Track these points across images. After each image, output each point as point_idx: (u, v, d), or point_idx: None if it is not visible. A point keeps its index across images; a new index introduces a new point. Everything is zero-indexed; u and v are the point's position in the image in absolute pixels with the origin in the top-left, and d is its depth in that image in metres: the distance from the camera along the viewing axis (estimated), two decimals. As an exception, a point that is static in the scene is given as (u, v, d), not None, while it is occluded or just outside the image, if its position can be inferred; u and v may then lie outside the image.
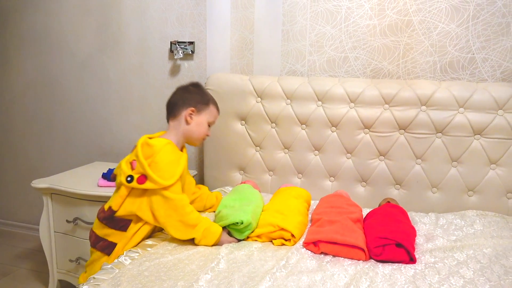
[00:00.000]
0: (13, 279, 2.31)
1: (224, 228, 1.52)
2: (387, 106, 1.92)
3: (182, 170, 1.50)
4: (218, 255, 1.36)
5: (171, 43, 2.28)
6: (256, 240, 1.50)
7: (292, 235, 1.48)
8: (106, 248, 1.50)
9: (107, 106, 2.51)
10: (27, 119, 2.73)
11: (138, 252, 1.40)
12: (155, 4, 2.30)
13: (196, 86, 1.69)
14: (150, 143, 1.49)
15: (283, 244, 1.48)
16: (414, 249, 1.39)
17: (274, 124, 2.06)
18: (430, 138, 1.88)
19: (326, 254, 1.40)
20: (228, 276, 1.23)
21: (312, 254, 1.40)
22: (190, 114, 1.60)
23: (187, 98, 1.62)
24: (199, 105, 1.62)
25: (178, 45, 2.25)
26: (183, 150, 1.65)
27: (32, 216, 2.82)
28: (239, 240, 1.51)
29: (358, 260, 1.36)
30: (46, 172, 2.64)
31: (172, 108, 1.64)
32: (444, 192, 1.90)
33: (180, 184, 1.52)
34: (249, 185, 1.87)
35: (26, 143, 2.77)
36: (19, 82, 2.70)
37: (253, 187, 1.85)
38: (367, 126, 1.95)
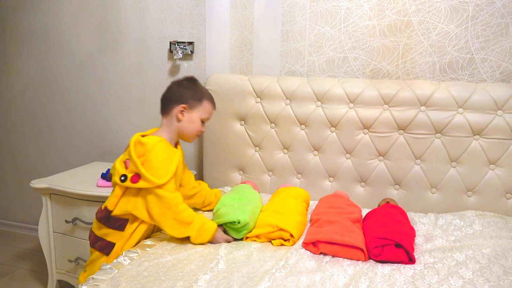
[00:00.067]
0: (12, 279, 2.30)
1: (221, 226, 1.52)
2: (386, 106, 1.92)
3: (175, 168, 1.49)
4: (217, 255, 1.36)
5: (171, 43, 2.28)
6: (255, 241, 1.50)
7: (291, 235, 1.48)
8: (105, 248, 1.50)
9: (107, 106, 2.51)
10: (26, 119, 2.73)
11: (137, 252, 1.40)
12: (155, 4, 2.30)
13: (191, 81, 1.64)
14: (143, 142, 1.47)
15: (282, 245, 1.48)
16: (413, 249, 1.39)
17: (273, 124, 2.06)
18: (429, 139, 1.88)
19: (325, 254, 1.40)
20: (227, 276, 1.23)
21: (311, 254, 1.40)
22: (181, 111, 1.56)
23: (179, 94, 1.58)
24: (192, 101, 1.58)
25: (178, 45, 2.25)
26: (177, 146, 1.63)
27: (31, 216, 2.81)
28: (235, 239, 1.51)
29: (357, 260, 1.36)
30: (45, 172, 2.64)
31: (164, 104, 1.60)
32: (443, 193, 1.90)
33: (174, 182, 1.51)
34: (249, 185, 1.87)
35: (25, 143, 2.76)
36: (18, 82, 2.70)
37: (252, 188, 1.85)
38: (367, 127, 1.95)
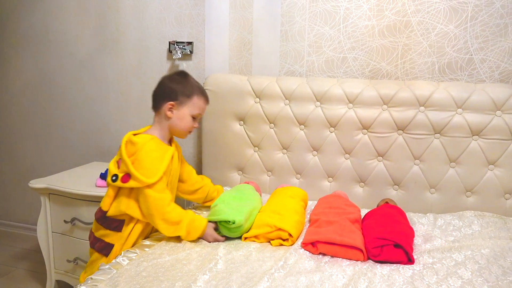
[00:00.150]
0: (10, 279, 2.30)
1: (213, 222, 1.51)
2: (385, 106, 1.92)
3: (166, 166, 1.47)
4: (216, 256, 1.36)
5: (170, 43, 2.28)
6: (254, 241, 1.50)
7: (290, 235, 1.48)
8: (104, 249, 1.50)
9: (106, 106, 2.51)
10: (25, 119, 2.72)
11: (136, 253, 1.40)
12: (154, 4, 2.30)
13: (181, 75, 1.59)
14: (133, 141, 1.46)
15: (281, 245, 1.47)
16: (412, 249, 1.39)
17: (272, 125, 2.06)
18: (428, 139, 1.88)
19: (324, 254, 1.40)
20: (226, 276, 1.23)
21: (310, 254, 1.40)
22: (170, 108, 1.53)
23: (169, 90, 1.54)
24: (181, 97, 1.53)
25: (177, 45, 2.25)
26: (171, 143, 1.61)
27: (30, 216, 2.81)
28: (226, 237, 1.51)
29: (356, 260, 1.36)
30: (44, 172, 2.64)
31: (155, 100, 1.57)
32: (442, 193, 1.90)
33: (166, 180, 1.50)
34: (251, 186, 1.86)
35: (24, 143, 2.76)
36: (17, 82, 2.70)
37: (255, 189, 1.85)
38: (366, 127, 1.95)
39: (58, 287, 2.15)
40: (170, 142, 1.62)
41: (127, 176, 1.43)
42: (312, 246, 1.42)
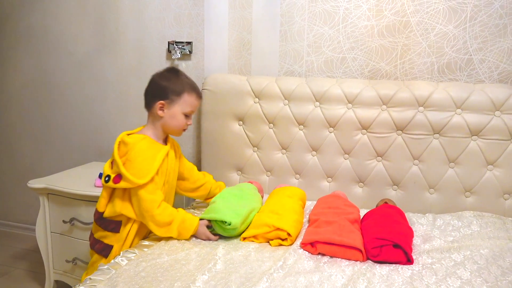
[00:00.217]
0: (9, 280, 2.29)
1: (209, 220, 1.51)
2: (384, 107, 1.92)
3: (158, 166, 1.46)
4: (215, 256, 1.36)
5: (169, 43, 2.27)
6: (253, 241, 1.50)
7: (289, 234, 1.48)
8: (103, 250, 1.49)
9: (105, 106, 2.51)
10: (24, 119, 2.72)
11: (134, 253, 1.39)
12: (153, 4, 2.29)
13: (171, 72, 1.55)
14: (125, 141, 1.45)
15: (280, 245, 1.47)
16: (411, 250, 1.39)
17: (271, 125, 2.06)
18: (427, 139, 1.88)
19: (323, 254, 1.40)
20: (225, 276, 1.23)
21: (309, 254, 1.40)
22: (160, 108, 1.50)
23: (159, 88, 1.51)
24: (172, 96, 1.50)
25: (176, 45, 2.25)
26: (167, 142, 1.59)
27: (29, 216, 2.80)
28: (219, 236, 1.51)
29: (356, 261, 1.36)
30: (42, 172, 2.63)
31: (146, 99, 1.55)
32: (441, 193, 1.90)
33: (161, 180, 1.49)
34: (254, 186, 1.86)
35: (23, 143, 2.75)
36: (16, 82, 2.69)
37: (257, 190, 1.84)
38: (365, 127, 1.95)
39: (57, 287, 2.14)
40: (166, 140, 1.60)
41: (119, 177, 1.42)
42: (311, 246, 1.42)
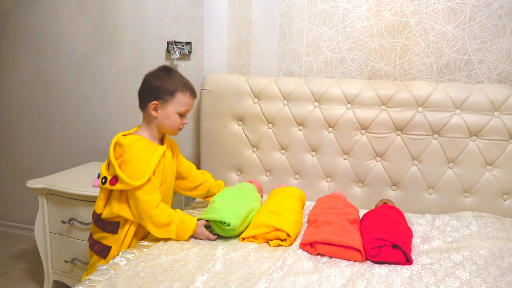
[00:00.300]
0: (8, 280, 2.29)
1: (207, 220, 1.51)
2: (383, 107, 1.92)
3: (154, 167, 1.45)
4: (214, 256, 1.36)
5: (168, 43, 2.27)
6: (252, 241, 1.50)
7: (288, 235, 1.47)
8: (102, 251, 1.49)
9: (104, 106, 2.50)
10: (23, 119, 2.72)
11: (133, 253, 1.39)
12: (152, 4, 2.29)
13: (164, 71, 1.53)
14: (121, 142, 1.45)
15: (279, 245, 1.47)
16: (410, 250, 1.39)
17: (271, 125, 2.06)
18: (426, 139, 1.88)
19: (322, 255, 1.40)
20: (224, 277, 1.23)
21: (308, 255, 1.40)
22: (154, 108, 1.49)
23: (152, 88, 1.49)
24: (165, 96, 1.48)
25: (175, 45, 2.25)
26: (164, 141, 1.58)
27: (27, 217, 2.80)
28: (218, 236, 1.50)
29: (355, 261, 1.36)
30: (41, 172, 2.63)
31: (140, 99, 1.54)
32: (440, 193, 1.90)
33: (157, 181, 1.49)
34: (253, 186, 1.86)
35: (22, 143, 2.75)
36: (15, 82, 2.69)
37: (257, 190, 1.84)
38: (364, 127, 1.95)
39: (56, 287, 2.14)
40: (162, 140, 1.59)
41: (115, 179, 1.41)
42: (311, 246, 1.42)
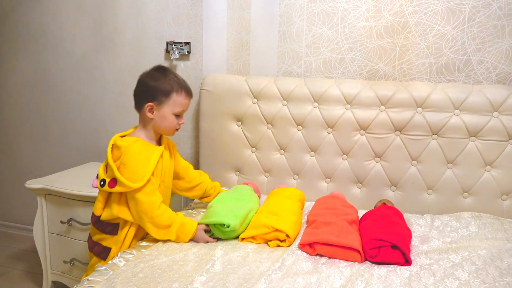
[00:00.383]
0: (6, 280, 2.29)
1: (207, 224, 1.51)
2: (383, 107, 1.92)
3: (153, 168, 1.45)
4: (213, 257, 1.35)
5: (167, 43, 2.27)
6: (251, 242, 1.50)
7: (287, 236, 1.47)
8: (102, 252, 1.49)
9: (103, 106, 2.50)
10: (22, 119, 2.71)
11: (132, 254, 1.39)
12: (151, 4, 2.29)
13: (159, 71, 1.51)
14: (118, 144, 1.44)
15: (278, 246, 1.47)
16: (409, 250, 1.39)
17: (270, 125, 2.06)
18: (425, 140, 1.88)
19: (321, 255, 1.40)
20: (223, 277, 1.23)
21: (307, 255, 1.40)
22: (150, 110, 1.48)
23: (147, 90, 1.48)
24: (160, 97, 1.47)
25: (174, 45, 2.25)
26: (161, 142, 1.57)
27: (26, 217, 2.79)
28: (218, 239, 1.50)
29: (354, 261, 1.36)
30: (40, 172, 2.62)
31: (136, 100, 1.53)
32: (439, 194, 1.90)
33: (156, 181, 1.48)
34: (250, 187, 1.86)
35: (21, 143, 2.74)
36: (14, 82, 2.68)
37: (254, 191, 1.84)
38: (363, 128, 1.95)
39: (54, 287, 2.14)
40: (160, 140, 1.59)
41: (114, 181, 1.41)
42: (310, 247, 1.42)
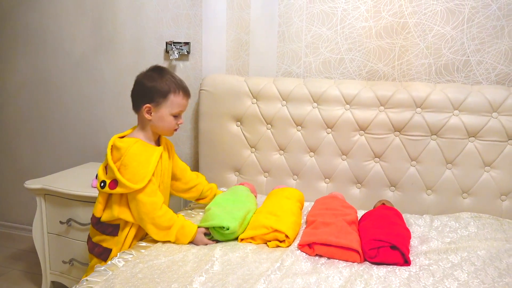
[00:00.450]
0: (5, 281, 2.29)
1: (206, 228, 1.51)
2: (382, 108, 1.92)
3: (153, 169, 1.45)
4: (212, 257, 1.35)
5: (167, 43, 2.27)
6: (251, 242, 1.50)
7: (286, 236, 1.47)
8: (102, 254, 1.49)
9: (102, 106, 2.50)
10: (21, 119, 2.71)
11: (131, 254, 1.39)
12: (151, 4, 2.29)
13: (156, 72, 1.50)
14: (118, 146, 1.43)
15: (277, 246, 1.47)
16: (408, 251, 1.39)
17: (269, 125, 2.06)
18: (425, 140, 1.89)
19: (321, 256, 1.40)
20: (222, 278, 1.23)
21: (307, 256, 1.40)
22: (147, 111, 1.48)
23: (144, 90, 1.48)
24: (157, 98, 1.46)
25: (174, 45, 2.24)
26: (160, 142, 1.57)
27: (25, 217, 2.79)
28: (217, 241, 1.50)
29: (353, 262, 1.36)
30: (39, 172, 2.62)
31: (133, 101, 1.53)
32: (438, 194, 1.90)
33: (157, 182, 1.48)
34: (246, 188, 1.85)
35: (20, 143, 2.74)
36: (13, 82, 2.68)
37: (250, 191, 1.84)
38: (363, 128, 1.95)
39: (54, 288, 2.14)
40: (159, 141, 1.58)
41: (115, 183, 1.40)
42: (309, 247, 1.42)
